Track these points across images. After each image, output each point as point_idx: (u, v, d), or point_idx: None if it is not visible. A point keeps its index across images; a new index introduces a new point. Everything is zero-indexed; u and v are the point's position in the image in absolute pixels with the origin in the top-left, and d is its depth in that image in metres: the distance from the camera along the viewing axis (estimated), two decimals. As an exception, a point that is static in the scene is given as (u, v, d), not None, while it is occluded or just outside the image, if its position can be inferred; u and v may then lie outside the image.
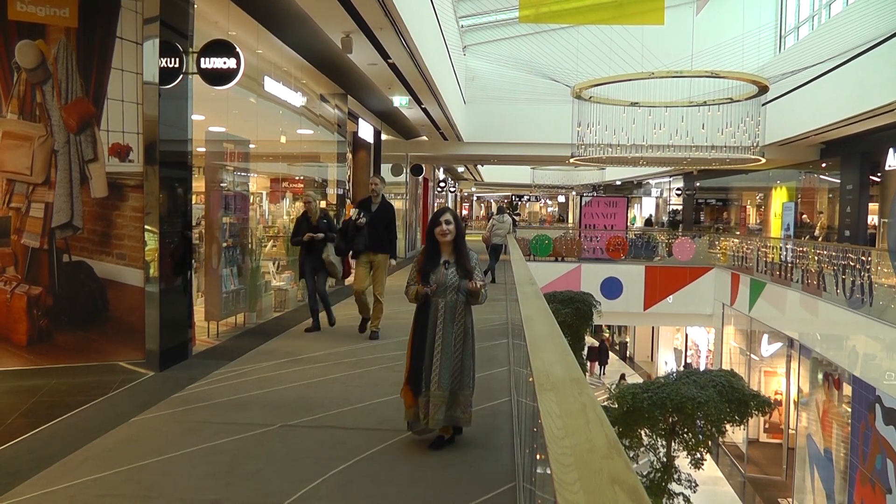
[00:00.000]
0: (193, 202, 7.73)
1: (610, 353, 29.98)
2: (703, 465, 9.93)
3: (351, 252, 8.30)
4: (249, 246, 9.69)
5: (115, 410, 5.39)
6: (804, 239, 18.99)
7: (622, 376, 25.82)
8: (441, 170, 33.54)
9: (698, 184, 30.62)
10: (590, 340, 26.34)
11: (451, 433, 4.68)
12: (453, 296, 4.55)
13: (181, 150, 7.21)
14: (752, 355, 18.79)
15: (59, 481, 4.00)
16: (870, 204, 18.04)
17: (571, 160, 20.42)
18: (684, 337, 26.81)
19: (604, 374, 27.98)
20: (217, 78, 7.34)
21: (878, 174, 17.56)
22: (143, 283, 6.86)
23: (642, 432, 9.70)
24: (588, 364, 27.39)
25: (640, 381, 18.12)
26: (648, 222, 35.56)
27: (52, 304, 6.74)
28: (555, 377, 2.37)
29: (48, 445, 4.64)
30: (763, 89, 16.28)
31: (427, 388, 4.48)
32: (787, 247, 16.54)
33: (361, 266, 8.14)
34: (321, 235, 8.64)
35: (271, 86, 10.47)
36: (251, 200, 10.31)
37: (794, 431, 15.91)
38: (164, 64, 6.85)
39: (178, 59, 7.01)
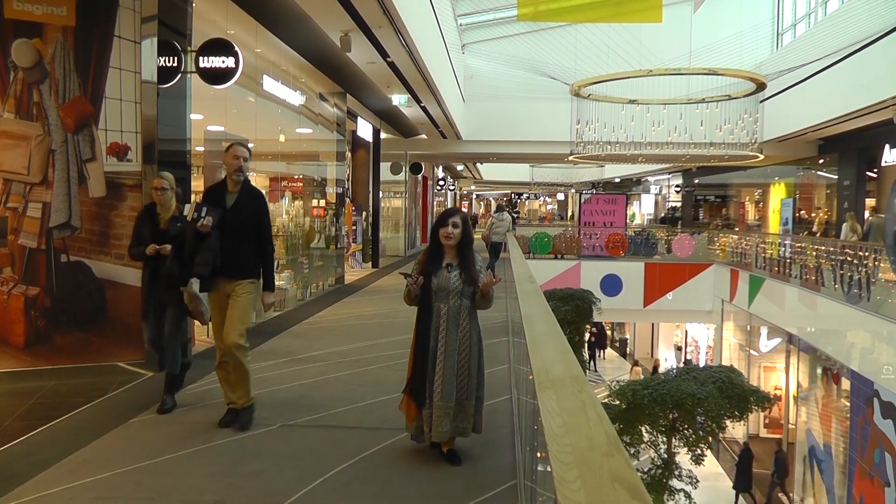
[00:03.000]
0: (192, 201, 7.71)
1: (608, 348, 30.00)
2: (703, 461, 9.95)
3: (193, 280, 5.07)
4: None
5: (114, 412, 5.38)
6: (802, 234, 19.01)
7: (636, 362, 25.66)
8: (440, 168, 33.53)
9: (697, 180, 30.63)
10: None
11: (452, 447, 4.39)
12: (457, 301, 4.26)
13: (180, 150, 7.20)
14: (752, 351, 18.83)
15: (57, 484, 3.98)
16: (867, 199, 18.07)
17: (570, 158, 20.46)
18: (684, 333, 26.85)
19: (603, 357, 28.06)
20: (216, 77, 7.32)
21: (875, 170, 17.58)
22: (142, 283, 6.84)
23: (643, 429, 9.72)
24: (596, 352, 27.26)
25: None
26: (664, 220, 34.00)
27: (50, 305, 6.73)
28: (555, 375, 2.37)
29: (46, 448, 4.63)
30: (761, 86, 16.32)
31: (430, 400, 4.21)
32: (786, 242, 16.56)
33: (215, 303, 5.04)
34: (168, 248, 5.27)
35: (270, 85, 10.45)
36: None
37: (793, 426, 15.95)
38: (162, 63, 6.84)
39: (176, 58, 7.00)
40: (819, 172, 21.34)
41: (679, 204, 33.01)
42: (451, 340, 4.23)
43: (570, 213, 49.38)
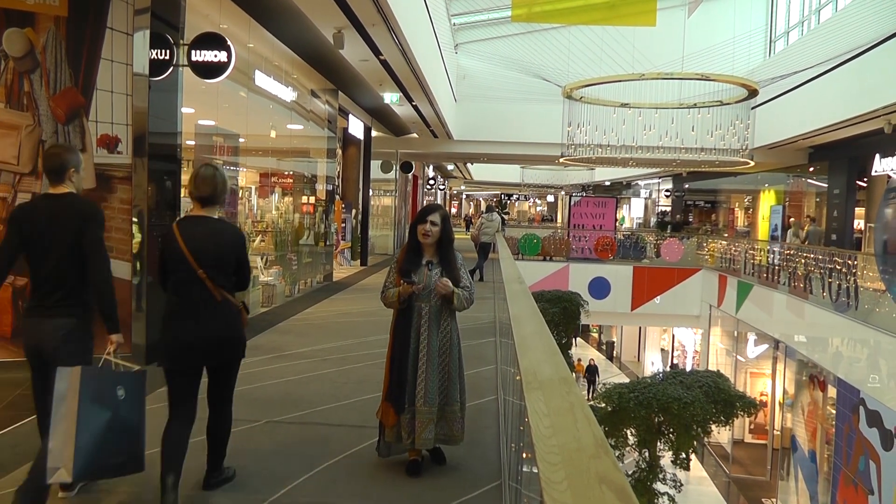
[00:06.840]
0: (182, 195, 7.67)
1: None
2: (688, 464, 9.97)
3: None
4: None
5: (100, 404, 5.34)
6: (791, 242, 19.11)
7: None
8: (431, 167, 33.51)
9: (687, 185, 30.72)
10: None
11: (418, 456, 4.23)
12: (438, 300, 4.10)
13: (170, 143, 7.16)
14: (739, 356, 18.89)
15: (41, 475, 3.95)
16: (856, 208, 18.18)
17: (561, 160, 20.47)
18: (671, 338, 26.92)
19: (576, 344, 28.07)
20: (208, 71, 7.29)
21: (865, 179, 17.69)
22: (131, 276, 6.80)
23: (628, 432, 9.73)
24: (597, 378, 26.91)
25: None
26: (662, 224, 32.55)
27: (37, 296, 6.66)
28: (543, 376, 2.37)
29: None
30: (753, 93, 16.37)
31: (412, 405, 4.04)
32: (775, 249, 16.64)
33: None
34: None
35: (262, 80, 10.42)
36: (240, 195, 10.25)
37: (778, 432, 16.02)
38: (154, 56, 6.79)
39: (168, 51, 6.96)
40: (809, 180, 21.45)
41: (669, 208, 33.10)
42: (432, 341, 4.09)
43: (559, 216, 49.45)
